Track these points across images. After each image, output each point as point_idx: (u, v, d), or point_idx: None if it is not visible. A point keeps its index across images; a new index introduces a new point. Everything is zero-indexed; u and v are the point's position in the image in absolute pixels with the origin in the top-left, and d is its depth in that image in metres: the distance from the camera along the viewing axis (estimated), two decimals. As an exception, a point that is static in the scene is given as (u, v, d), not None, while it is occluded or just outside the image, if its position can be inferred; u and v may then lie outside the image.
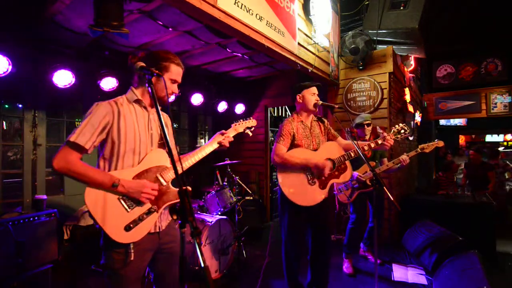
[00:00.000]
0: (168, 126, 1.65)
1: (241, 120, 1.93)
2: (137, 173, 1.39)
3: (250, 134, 1.98)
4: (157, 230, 1.45)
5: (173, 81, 1.51)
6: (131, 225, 1.32)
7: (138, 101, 1.47)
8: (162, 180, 1.45)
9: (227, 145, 1.75)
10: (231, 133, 1.83)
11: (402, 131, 2.41)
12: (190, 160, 1.61)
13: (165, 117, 1.68)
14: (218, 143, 1.71)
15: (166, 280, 1.52)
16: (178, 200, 1.27)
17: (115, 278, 1.33)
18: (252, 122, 1.97)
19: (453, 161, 6.08)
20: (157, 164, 1.46)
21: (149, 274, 1.59)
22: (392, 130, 2.44)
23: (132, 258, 1.32)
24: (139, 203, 1.37)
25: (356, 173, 3.05)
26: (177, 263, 1.49)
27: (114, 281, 1.33)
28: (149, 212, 1.39)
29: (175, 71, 1.50)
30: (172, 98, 1.75)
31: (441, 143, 2.76)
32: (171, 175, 1.48)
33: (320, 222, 2.34)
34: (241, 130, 1.92)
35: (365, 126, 3.23)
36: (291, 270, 2.36)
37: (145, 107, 1.50)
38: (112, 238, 1.28)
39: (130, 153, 1.39)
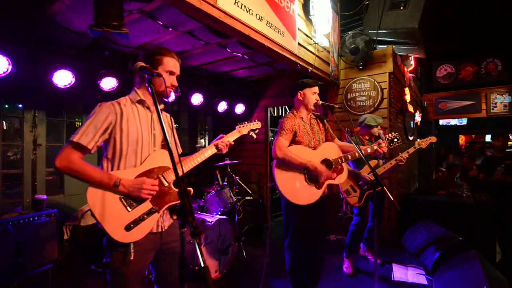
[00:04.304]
0: (170, 126, 1.65)
1: (246, 122, 1.92)
2: (139, 173, 1.39)
3: (255, 136, 1.97)
4: (159, 230, 1.45)
5: (170, 73, 1.51)
6: (132, 225, 1.32)
7: (141, 102, 1.48)
8: (164, 181, 1.45)
9: (225, 149, 1.69)
10: (234, 135, 1.81)
11: (395, 139, 2.45)
12: (190, 163, 1.59)
13: (167, 118, 1.68)
14: (214, 145, 1.69)
15: (167, 279, 1.52)
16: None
17: (117, 277, 1.33)
18: (256, 125, 1.95)
19: (456, 166, 6.01)
20: (159, 165, 1.46)
21: (150, 273, 1.59)
22: (387, 138, 2.46)
23: (131, 258, 1.32)
24: (140, 202, 1.37)
25: (365, 175, 3.01)
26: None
27: (115, 280, 1.34)
28: (150, 212, 1.39)
29: (169, 63, 1.49)
30: (172, 96, 1.75)
31: (433, 139, 2.83)
32: (173, 176, 1.47)
33: (318, 220, 2.34)
34: (245, 132, 1.90)
35: (374, 128, 3.22)
36: (298, 276, 2.31)
37: (148, 108, 1.50)
38: (112, 238, 1.28)
39: (132, 153, 1.40)
